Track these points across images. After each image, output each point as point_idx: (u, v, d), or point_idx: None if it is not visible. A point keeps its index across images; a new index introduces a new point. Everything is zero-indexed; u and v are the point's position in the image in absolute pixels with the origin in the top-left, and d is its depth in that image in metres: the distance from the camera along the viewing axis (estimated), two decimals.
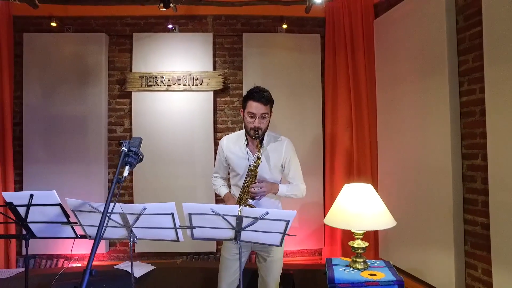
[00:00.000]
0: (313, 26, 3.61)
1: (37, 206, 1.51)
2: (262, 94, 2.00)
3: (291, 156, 2.14)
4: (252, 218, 1.48)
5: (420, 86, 2.69)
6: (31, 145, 3.36)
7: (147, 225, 1.56)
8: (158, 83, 3.41)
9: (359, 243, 1.98)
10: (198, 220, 1.54)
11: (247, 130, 2.04)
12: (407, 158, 2.82)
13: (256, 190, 1.92)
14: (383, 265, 2.01)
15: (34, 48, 3.39)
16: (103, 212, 1.22)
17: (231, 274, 2.09)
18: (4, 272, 3.09)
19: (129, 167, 1.45)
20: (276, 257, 2.13)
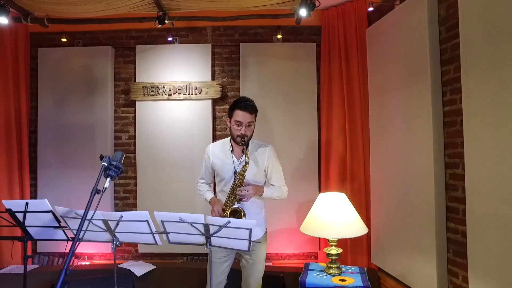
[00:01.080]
0: (309, 34, 3.70)
1: (32, 212, 1.72)
2: (248, 104, 2.17)
3: (274, 161, 2.27)
4: (217, 226, 1.62)
5: (405, 95, 2.74)
6: (45, 151, 3.65)
7: (127, 230, 1.73)
8: (160, 92, 3.60)
9: (333, 249, 2.07)
10: (171, 226, 1.69)
11: (234, 137, 2.19)
12: (394, 165, 2.87)
13: (244, 192, 2.06)
14: (356, 271, 2.09)
15: (47, 61, 3.68)
16: (81, 218, 1.38)
17: (218, 275, 2.24)
18: (19, 268, 3.38)
19: (110, 179, 1.61)
20: (258, 259, 2.26)
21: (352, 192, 3.35)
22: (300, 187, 3.53)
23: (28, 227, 1.81)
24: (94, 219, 1.66)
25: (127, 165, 3.73)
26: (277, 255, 3.65)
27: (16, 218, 1.77)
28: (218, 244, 1.77)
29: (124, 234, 1.76)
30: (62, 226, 1.70)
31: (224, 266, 2.25)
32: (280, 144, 3.60)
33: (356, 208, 3.29)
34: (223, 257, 2.23)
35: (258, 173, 2.25)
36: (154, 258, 3.66)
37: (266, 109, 3.63)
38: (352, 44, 3.39)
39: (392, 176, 2.89)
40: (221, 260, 2.24)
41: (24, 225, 1.79)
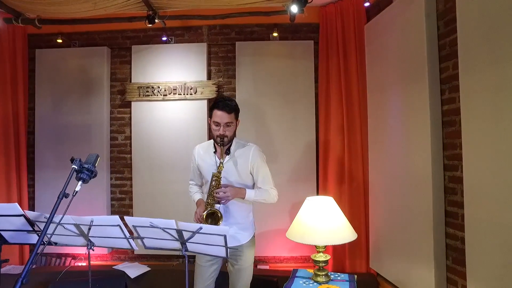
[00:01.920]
0: (307, 32, 3.60)
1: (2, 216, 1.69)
2: (226, 103, 2.07)
3: (259, 162, 2.17)
4: (189, 231, 1.55)
5: (402, 93, 2.62)
6: (43, 152, 3.66)
7: (102, 235, 1.69)
8: (155, 93, 3.57)
9: (321, 256, 1.98)
10: (145, 231, 1.63)
11: (214, 138, 2.11)
12: (392, 167, 2.76)
13: (220, 195, 1.97)
14: (345, 279, 1.99)
15: (45, 63, 3.69)
16: (46, 222, 1.34)
17: (204, 280, 2.18)
18: (16, 268, 3.41)
19: (82, 182, 1.57)
20: (244, 265, 2.18)
21: (350, 194, 3.25)
22: (298, 188, 3.44)
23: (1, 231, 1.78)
24: (65, 224, 1.61)
25: (123, 166, 3.71)
26: (274, 258, 3.57)
27: None
28: (195, 250, 1.71)
29: (99, 238, 1.72)
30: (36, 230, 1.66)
31: (211, 270, 2.18)
32: (277, 145, 3.52)
33: (355, 211, 3.21)
34: (209, 260, 2.17)
35: (242, 175, 2.16)
36: (150, 260, 3.63)
37: (262, 109, 3.55)
38: (350, 42, 3.28)
39: (390, 178, 2.78)
40: (207, 264, 2.17)
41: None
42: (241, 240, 2.18)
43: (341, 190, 3.30)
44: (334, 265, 3.26)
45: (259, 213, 3.37)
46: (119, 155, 3.71)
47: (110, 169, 3.70)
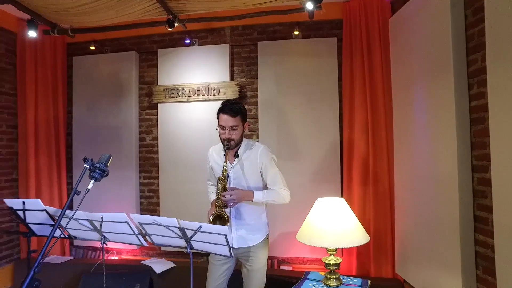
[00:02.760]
0: (330, 29, 3.51)
1: (28, 211, 1.84)
2: (231, 107, 2.07)
3: (267, 162, 2.14)
4: (191, 230, 1.58)
5: (428, 90, 2.46)
6: (79, 152, 3.92)
7: (113, 231, 1.77)
8: (180, 94, 3.67)
9: (332, 259, 1.91)
10: (151, 229, 1.69)
11: (221, 141, 2.12)
12: (417, 168, 2.60)
13: (227, 197, 1.98)
14: (357, 285, 1.91)
15: (80, 69, 3.95)
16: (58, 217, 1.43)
17: (216, 279, 2.20)
18: (57, 258, 3.68)
19: (94, 180, 1.66)
20: (256, 267, 2.17)
21: (375, 195, 3.12)
22: (321, 189, 3.36)
23: (30, 224, 1.94)
24: (80, 219, 1.71)
25: (151, 165, 3.86)
26: (297, 259, 3.53)
27: (18, 216, 1.91)
28: (199, 248, 1.74)
29: (111, 234, 1.80)
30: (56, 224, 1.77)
31: (223, 269, 2.20)
32: (300, 145, 3.47)
33: (380, 213, 3.08)
34: (222, 259, 2.19)
35: (252, 176, 2.15)
36: (177, 256, 3.73)
37: (285, 109, 3.52)
38: (374, 37, 3.15)
39: (416, 180, 2.62)
40: (219, 263, 2.19)
41: (26, 222, 1.93)
42: (253, 241, 2.17)
43: (366, 192, 3.18)
44: (358, 269, 3.15)
45: (282, 213, 3.38)
46: (147, 155, 3.87)
47: (139, 168, 3.87)
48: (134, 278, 3.05)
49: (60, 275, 3.47)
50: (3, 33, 3.63)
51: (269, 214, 3.47)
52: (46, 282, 3.43)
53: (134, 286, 2.96)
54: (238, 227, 2.15)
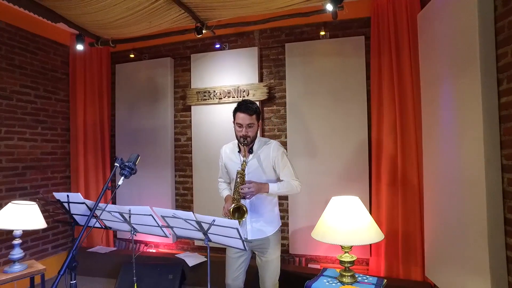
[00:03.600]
0: (357, 27, 3.49)
1: (72, 203, 2.09)
2: (248, 106, 2.20)
3: (279, 156, 2.25)
4: (206, 223, 1.70)
5: (455, 86, 2.37)
6: (121, 152, 4.26)
7: (140, 223, 1.95)
8: (211, 96, 3.86)
9: (347, 256, 1.94)
10: (173, 222, 1.84)
11: (238, 139, 2.25)
12: (445, 168, 2.51)
13: (245, 190, 2.09)
14: (372, 283, 1.91)
15: (122, 75, 4.29)
16: (92, 209, 1.64)
17: (234, 271, 2.34)
18: (103, 248, 4.04)
19: (124, 177, 1.85)
20: (270, 258, 2.27)
21: (404, 196, 3.05)
22: (350, 188, 3.36)
23: (74, 215, 2.20)
24: (112, 211, 1.92)
25: (186, 165, 4.09)
26: (325, 258, 3.54)
27: (65, 207, 2.18)
28: (216, 241, 1.86)
29: (140, 225, 1.99)
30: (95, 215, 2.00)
31: (239, 262, 2.32)
32: (328, 144, 3.49)
33: (409, 214, 3.01)
34: (237, 252, 2.31)
35: (266, 171, 2.27)
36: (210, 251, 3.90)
37: (313, 109, 3.56)
38: (403, 34, 3.08)
39: (444, 180, 2.53)
40: (235, 256, 2.32)
41: (71, 213, 2.19)
42: (266, 232, 2.28)
43: (394, 192, 3.12)
44: (386, 270, 3.10)
45: (310, 212, 3.43)
46: (182, 155, 4.11)
47: (174, 167, 4.12)
48: (168, 269, 3.27)
49: (104, 263, 3.82)
50: (59, 47, 4.07)
51: (298, 213, 3.57)
52: (92, 268, 3.82)
53: (167, 276, 3.17)
54: (253, 219, 2.27)
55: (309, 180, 3.51)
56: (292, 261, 3.61)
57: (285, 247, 3.67)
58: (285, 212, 3.70)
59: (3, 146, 3.48)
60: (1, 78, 3.47)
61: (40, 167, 3.84)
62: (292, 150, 3.61)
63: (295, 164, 3.40)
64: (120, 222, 2.01)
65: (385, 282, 1.93)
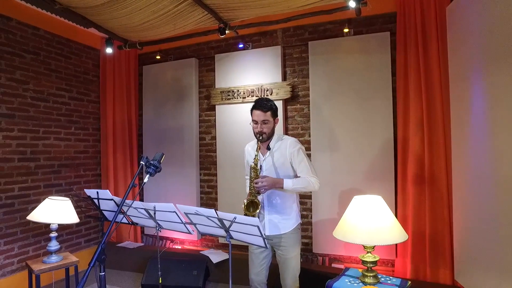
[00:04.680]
0: (383, 23, 3.41)
1: (101, 199, 2.20)
2: (262, 103, 2.25)
3: (295, 152, 2.25)
4: (228, 220, 1.73)
5: (487, 80, 2.27)
6: (149, 151, 4.41)
7: (166, 219, 2.02)
8: (235, 96, 3.90)
9: (369, 256, 1.91)
10: (196, 219, 1.89)
11: (254, 135, 2.28)
12: (476, 166, 2.41)
13: (259, 184, 2.12)
14: (395, 284, 1.87)
15: (149, 76, 4.43)
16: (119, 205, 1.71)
17: (256, 266, 2.37)
18: (131, 244, 4.20)
19: (149, 175, 1.92)
20: (289, 255, 2.27)
21: (432, 195, 2.96)
22: (374, 188, 3.30)
23: (104, 210, 2.31)
24: (138, 208, 1.99)
25: (210, 163, 4.17)
26: (350, 258, 3.50)
27: (95, 204, 2.30)
28: (238, 238, 1.89)
29: (164, 222, 2.05)
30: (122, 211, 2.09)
31: (261, 258, 2.34)
32: (352, 143, 3.44)
33: (437, 215, 2.91)
34: (258, 248, 2.33)
35: (283, 166, 2.28)
36: (233, 249, 3.90)
37: (337, 107, 3.52)
38: (431, 28, 2.98)
39: (475, 179, 2.43)
40: (257, 251, 2.35)
41: (100, 209, 2.30)
42: (284, 228, 2.28)
43: (421, 191, 3.03)
44: (412, 272, 3.01)
45: (335, 212, 3.39)
46: (207, 154, 4.19)
47: (199, 166, 4.20)
48: (192, 265, 3.35)
49: (132, 258, 3.97)
50: (90, 50, 4.27)
51: (321, 212, 3.54)
52: (121, 262, 3.98)
53: (192, 272, 3.25)
54: (270, 215, 2.29)
55: (333, 179, 3.48)
56: (316, 260, 3.59)
57: (309, 246, 3.65)
58: (308, 211, 3.68)
59: (41, 145, 3.70)
60: (40, 81, 3.69)
61: (73, 165, 4.05)
62: (315, 148, 3.59)
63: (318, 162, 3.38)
64: (146, 218, 2.09)
65: (409, 284, 1.88)
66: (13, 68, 3.43)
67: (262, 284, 2.40)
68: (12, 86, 3.42)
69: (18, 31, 3.47)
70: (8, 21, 3.38)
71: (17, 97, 3.47)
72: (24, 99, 3.53)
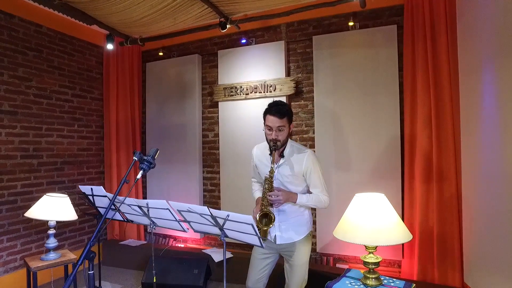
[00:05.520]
0: (389, 16, 3.29)
1: (96, 196, 2.15)
2: (278, 108, 2.05)
3: (312, 167, 2.11)
4: (221, 218, 1.67)
5: (498, 72, 2.15)
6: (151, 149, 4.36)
7: (159, 217, 1.96)
8: (238, 92, 3.83)
9: (371, 257, 1.82)
10: (189, 216, 1.83)
11: (268, 142, 2.13)
12: (487, 164, 2.29)
13: (273, 198, 2.00)
14: (397, 287, 1.77)
15: (152, 74, 4.40)
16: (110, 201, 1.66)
17: (257, 273, 2.24)
18: (134, 242, 4.18)
19: (142, 171, 1.86)
20: (298, 263, 2.16)
21: (440, 195, 2.84)
22: (380, 186, 3.19)
23: (99, 207, 2.27)
24: (131, 204, 1.95)
25: (213, 161, 4.11)
26: (354, 258, 3.40)
27: (90, 200, 2.26)
28: (232, 237, 1.82)
29: (158, 219, 2.00)
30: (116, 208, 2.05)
31: (264, 264, 2.23)
32: (358, 140, 3.34)
33: (446, 215, 2.80)
34: (264, 253, 2.23)
35: (295, 178, 2.14)
36: (236, 248, 3.91)
37: (341, 103, 3.42)
38: (440, 19, 2.86)
39: (486, 178, 2.31)
40: (261, 257, 2.24)
41: (96, 206, 2.26)
42: (295, 237, 2.16)
43: (429, 191, 2.91)
44: (419, 274, 2.90)
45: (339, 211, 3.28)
46: (210, 151, 4.13)
47: (202, 164, 4.15)
48: (194, 264, 3.30)
49: (134, 256, 3.94)
50: (94, 48, 4.26)
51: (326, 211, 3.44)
52: (123, 260, 3.96)
53: (193, 271, 3.20)
54: (281, 223, 2.17)
55: (338, 178, 3.38)
56: (320, 260, 3.50)
57: (313, 246, 3.56)
58: (313, 210, 3.58)
59: (44, 142, 3.70)
60: (42, 79, 3.69)
61: (76, 163, 4.04)
62: (320, 146, 3.50)
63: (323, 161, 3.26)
64: (140, 216, 2.04)
65: (413, 286, 1.79)
66: (16, 65, 3.43)
67: None
68: (15, 83, 3.43)
69: (21, 28, 3.47)
70: (11, 18, 3.38)
71: (20, 94, 3.47)
72: (26, 96, 3.53)
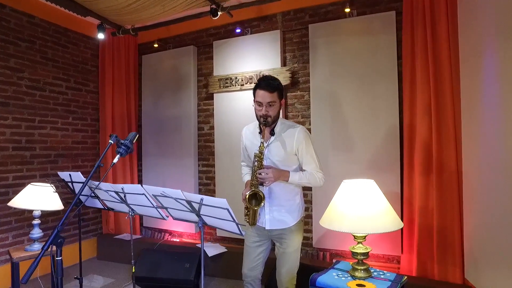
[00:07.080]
0: (388, 2, 3.17)
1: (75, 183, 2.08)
2: (268, 82, 1.96)
3: (304, 144, 2.02)
4: (196, 202, 1.57)
5: (500, 56, 2.01)
6: (147, 142, 4.31)
7: (137, 203, 1.88)
8: (233, 83, 3.74)
9: (360, 247, 1.71)
10: (166, 202, 1.74)
11: (258, 119, 2.04)
12: (490, 155, 2.15)
13: (263, 175, 1.91)
14: (388, 279, 1.65)
15: (148, 66, 4.34)
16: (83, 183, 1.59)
17: (251, 261, 2.16)
18: (129, 236, 4.12)
19: (120, 155, 1.79)
20: (289, 250, 2.07)
21: (440, 187, 2.70)
22: (379, 179, 2.98)
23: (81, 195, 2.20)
24: (107, 190, 1.87)
25: (208, 154, 4.03)
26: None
27: (69, 187, 2.19)
28: (210, 223, 1.73)
29: (137, 206, 1.92)
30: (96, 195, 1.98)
31: (258, 252, 2.14)
32: (356, 131, 3.22)
33: (446, 207, 2.68)
34: (255, 242, 2.15)
35: (286, 156, 2.04)
36: (231, 243, 3.82)
37: (339, 93, 3.30)
38: (440, 5, 2.73)
39: (488, 169, 2.18)
40: (253, 245, 2.15)
41: (75, 192, 2.19)
42: (286, 223, 2.07)
43: (429, 183, 2.78)
44: (419, 269, 2.77)
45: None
46: (205, 144, 4.05)
47: (198, 157, 4.07)
48: (186, 258, 3.22)
49: (128, 250, 3.86)
50: (89, 40, 4.22)
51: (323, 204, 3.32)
52: (116, 254, 3.89)
53: (184, 265, 3.12)
54: (272, 208, 2.08)
55: (335, 170, 3.26)
56: (316, 255, 3.39)
57: (309, 241, 3.45)
58: (309, 203, 3.48)
59: (37, 134, 3.66)
60: (35, 70, 3.65)
61: (71, 156, 4.00)
62: (317, 137, 3.38)
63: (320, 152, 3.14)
64: (119, 203, 1.96)
65: (405, 279, 1.67)
66: (7, 56, 3.40)
67: (256, 280, 2.19)
68: (6, 74, 3.39)
69: (12, 18, 3.44)
70: (1, 8, 3.35)
71: (12, 85, 3.44)
72: (19, 87, 3.50)
